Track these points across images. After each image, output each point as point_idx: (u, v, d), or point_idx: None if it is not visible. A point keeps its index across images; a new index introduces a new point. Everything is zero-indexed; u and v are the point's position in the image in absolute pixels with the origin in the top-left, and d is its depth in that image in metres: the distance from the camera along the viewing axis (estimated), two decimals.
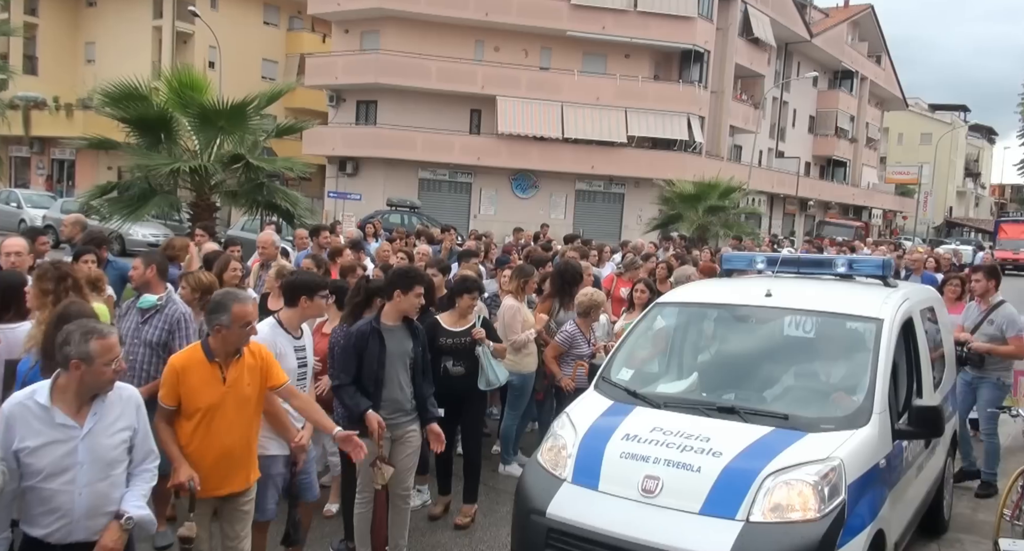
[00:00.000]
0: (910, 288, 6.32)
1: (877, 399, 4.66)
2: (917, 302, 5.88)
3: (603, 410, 4.99)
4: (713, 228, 24.69)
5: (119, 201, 13.26)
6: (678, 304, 6.04)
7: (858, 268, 6.01)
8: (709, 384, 5.40)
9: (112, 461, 3.45)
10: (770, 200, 47.46)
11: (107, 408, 3.46)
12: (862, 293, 5.73)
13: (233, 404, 4.20)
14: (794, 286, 5.98)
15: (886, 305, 5.25)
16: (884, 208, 64.62)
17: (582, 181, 37.81)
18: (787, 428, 4.49)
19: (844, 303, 5.47)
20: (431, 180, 37.09)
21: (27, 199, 28.13)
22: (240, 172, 13.56)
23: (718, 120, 41.62)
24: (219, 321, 4.15)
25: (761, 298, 5.53)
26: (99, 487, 3.40)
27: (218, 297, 4.34)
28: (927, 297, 6.57)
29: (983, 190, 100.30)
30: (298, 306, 5.03)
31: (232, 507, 4.35)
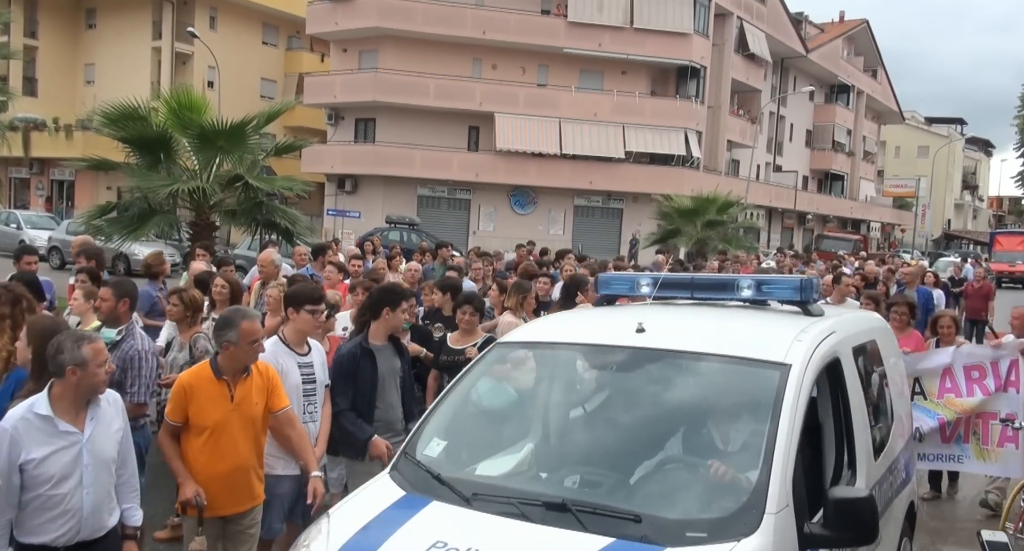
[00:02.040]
0: (841, 318, 4.77)
1: (774, 489, 3.16)
2: (848, 337, 4.38)
3: (383, 508, 3.47)
4: (712, 243, 24.70)
5: (118, 221, 13.24)
6: (522, 344, 4.45)
7: (768, 291, 4.51)
8: (548, 460, 3.97)
9: (111, 460, 3.62)
10: (768, 214, 47.55)
11: (102, 412, 3.60)
12: (770, 327, 4.27)
13: (239, 423, 4.20)
14: (681, 318, 4.55)
15: (798, 344, 3.74)
16: (882, 221, 64.71)
17: (580, 197, 37.88)
18: (634, 540, 3.05)
19: (739, 342, 3.95)
20: (430, 197, 37.17)
21: (27, 220, 28.22)
22: (239, 191, 13.56)
23: (715, 135, 41.76)
24: (227, 338, 4.15)
25: (629, 335, 3.89)
26: (102, 485, 3.58)
27: (227, 314, 4.34)
28: (865, 328, 5.06)
29: (981, 202, 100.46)
30: (290, 319, 4.99)
31: (237, 528, 4.33)
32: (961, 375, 6.90)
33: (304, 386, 4.89)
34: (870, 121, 61.97)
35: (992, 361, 6.82)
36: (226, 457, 4.15)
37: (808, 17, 55.30)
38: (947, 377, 6.92)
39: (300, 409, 4.77)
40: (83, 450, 3.48)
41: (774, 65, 47.99)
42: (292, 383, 4.75)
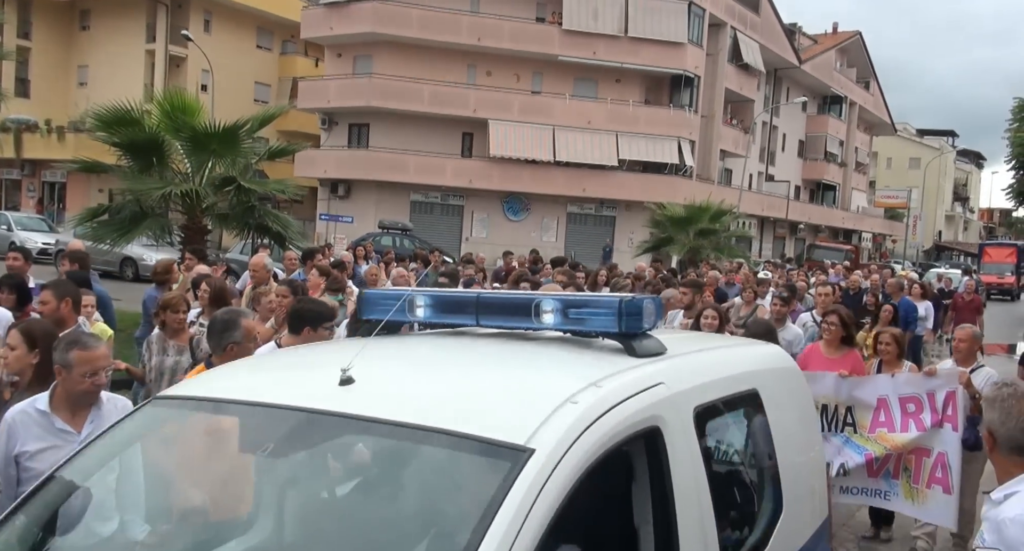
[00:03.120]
0: (687, 360, 3.33)
1: None
2: (688, 391, 2.98)
3: None
4: (704, 251, 24.71)
5: (110, 224, 13.16)
6: (182, 400, 2.91)
7: (577, 317, 3.01)
8: None
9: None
10: (760, 223, 47.68)
11: (103, 417, 3.52)
12: (540, 380, 2.81)
13: None
14: (421, 361, 3.08)
15: (564, 413, 2.37)
16: (874, 232, 64.96)
17: (573, 204, 37.93)
18: None
19: (475, 409, 2.50)
20: (423, 203, 37.16)
21: (17, 222, 28.05)
22: (232, 195, 13.50)
23: (708, 144, 41.89)
24: (232, 339, 4.14)
25: (327, 391, 2.55)
26: None
27: (226, 315, 4.32)
28: (735, 374, 3.56)
29: (972, 214, 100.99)
30: (301, 335, 4.78)
31: None
32: (896, 408, 6.20)
33: None
34: (862, 132, 62.26)
35: (929, 393, 6.11)
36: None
37: (801, 28, 55.58)
38: (882, 410, 6.23)
39: None
40: None
41: (767, 75, 48.20)
42: None
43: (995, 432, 2.82)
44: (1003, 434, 2.79)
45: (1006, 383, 2.99)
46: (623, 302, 2.94)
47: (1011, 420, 2.78)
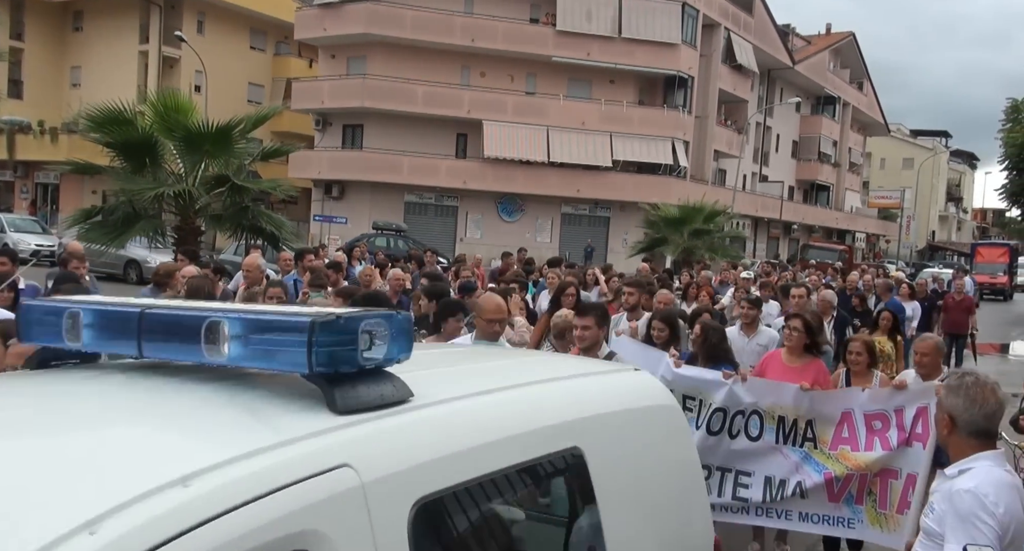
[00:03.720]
0: (436, 416, 2.13)
1: None
2: (433, 470, 1.98)
3: None
4: (698, 251, 24.78)
5: (103, 225, 13.15)
6: None
7: (260, 351, 1.95)
8: None
9: None
10: (754, 224, 47.78)
11: None
12: (115, 464, 1.65)
13: None
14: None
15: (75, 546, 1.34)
16: (867, 232, 65.13)
17: (568, 205, 37.95)
18: None
19: None
20: (417, 203, 37.15)
21: (10, 223, 28.02)
22: (225, 196, 13.50)
23: (702, 145, 41.95)
24: None
25: None
26: None
27: None
28: (561, 424, 2.47)
29: (965, 214, 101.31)
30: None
31: None
32: (861, 425, 5.64)
33: None
34: (856, 133, 62.43)
35: (897, 408, 5.56)
36: None
37: (795, 29, 55.73)
38: (845, 424, 5.67)
39: None
40: None
41: (761, 76, 48.29)
42: None
43: (957, 417, 3.03)
44: (965, 419, 3.01)
45: (967, 372, 3.19)
46: (317, 323, 1.83)
47: (974, 406, 3.00)
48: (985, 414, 2.98)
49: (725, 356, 6.32)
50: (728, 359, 6.27)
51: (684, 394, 5.79)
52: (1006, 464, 3.02)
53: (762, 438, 5.80)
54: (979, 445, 2.99)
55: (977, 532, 2.76)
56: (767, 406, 5.75)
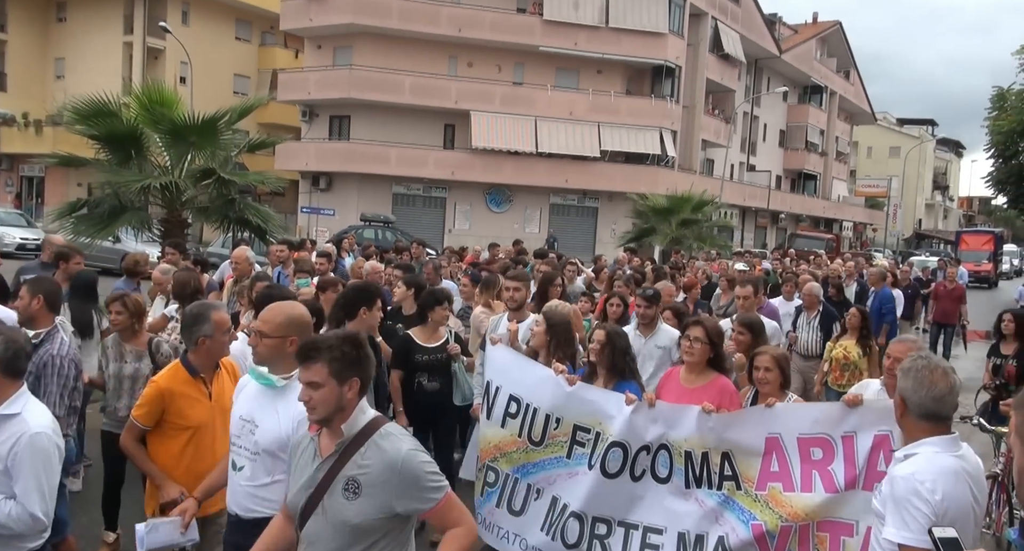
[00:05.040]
0: None
1: None
2: None
3: None
4: (686, 241, 24.84)
5: (89, 218, 13.04)
6: None
7: None
8: None
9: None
10: (742, 213, 47.92)
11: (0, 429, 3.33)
12: None
13: (220, 420, 4.12)
14: None
15: None
16: (855, 220, 65.42)
17: (556, 195, 37.96)
18: None
19: None
20: (405, 195, 37.06)
21: None
22: (211, 188, 13.43)
23: (690, 134, 42.00)
24: (202, 332, 4.09)
25: None
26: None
27: (195, 309, 4.29)
28: None
29: (951, 202, 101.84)
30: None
31: (215, 529, 4.24)
32: (795, 453, 4.25)
33: None
34: (843, 122, 62.62)
35: (845, 435, 4.15)
36: (208, 456, 4.09)
37: (782, 18, 55.78)
38: (773, 455, 4.31)
39: None
40: None
41: (748, 65, 48.34)
42: None
43: (907, 399, 3.06)
44: (915, 401, 3.03)
45: (921, 355, 3.20)
46: None
47: (923, 389, 3.01)
48: (933, 397, 2.99)
49: (632, 372, 5.18)
50: (635, 376, 5.20)
51: (576, 424, 4.77)
52: (958, 448, 3.00)
53: (671, 480, 4.59)
54: (930, 428, 3.02)
55: (909, 517, 2.82)
56: (674, 440, 4.58)
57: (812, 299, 9.39)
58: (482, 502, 5.14)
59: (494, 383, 5.20)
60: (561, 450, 4.83)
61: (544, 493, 4.90)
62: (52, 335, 4.80)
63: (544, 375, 4.97)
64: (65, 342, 4.81)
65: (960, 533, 2.71)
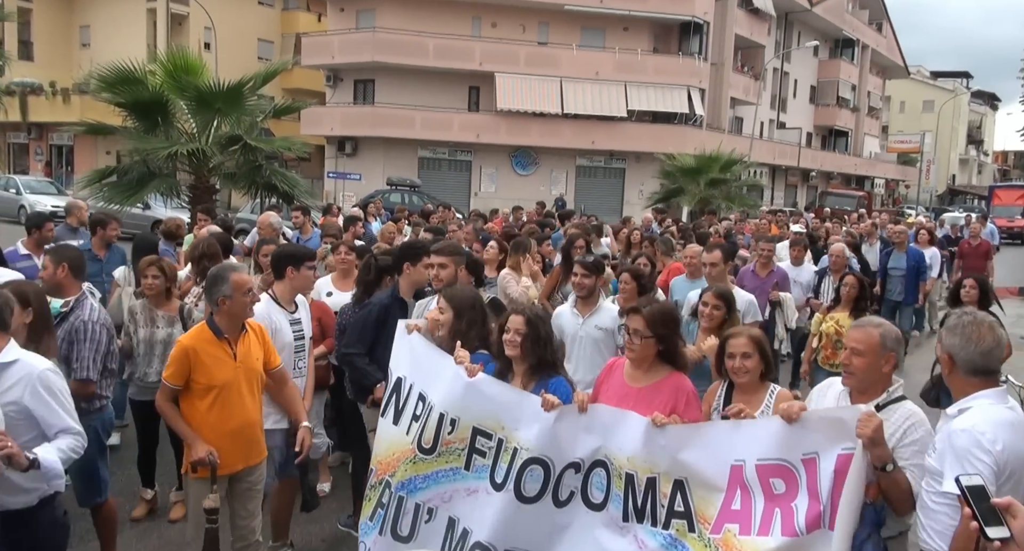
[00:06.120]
0: None
1: None
2: None
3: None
4: (715, 201, 24.59)
5: (118, 185, 13.21)
6: None
7: None
8: None
9: (7, 428, 3.30)
10: (772, 172, 47.27)
11: (4, 377, 3.39)
12: None
13: (245, 380, 4.26)
14: None
15: None
16: (887, 177, 64.36)
17: (582, 157, 37.65)
18: None
19: None
20: (431, 159, 36.96)
21: (26, 185, 28.11)
22: (238, 154, 13.51)
23: (718, 92, 41.34)
24: (222, 293, 4.17)
25: None
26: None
27: (214, 271, 4.36)
28: None
29: (986, 157, 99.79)
30: (285, 278, 5.01)
31: (245, 485, 4.38)
32: (756, 487, 3.33)
33: (295, 343, 4.99)
34: (875, 76, 61.26)
35: (806, 457, 3.24)
36: (235, 415, 4.21)
37: None
38: (738, 489, 3.38)
39: (291, 365, 4.89)
40: None
41: (778, 20, 47.30)
42: (285, 340, 4.88)
43: (955, 356, 3.07)
44: (963, 358, 3.06)
45: (965, 311, 3.23)
46: None
47: (971, 345, 3.04)
48: (982, 352, 3.02)
49: (554, 365, 4.18)
50: (558, 370, 4.19)
51: (475, 427, 3.85)
52: (1008, 400, 3.04)
53: (606, 508, 3.65)
54: (979, 383, 3.04)
55: (972, 469, 2.81)
56: (614, 455, 3.63)
57: (840, 262, 8.66)
58: (369, 529, 4.15)
59: (407, 380, 4.25)
60: (457, 460, 3.87)
61: (437, 514, 3.92)
62: (81, 302, 4.86)
63: (444, 365, 4.04)
64: (95, 308, 4.87)
65: (1018, 485, 2.76)
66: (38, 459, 3.25)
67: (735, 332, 4.14)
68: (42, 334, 3.95)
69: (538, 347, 4.02)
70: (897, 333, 3.46)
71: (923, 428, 3.27)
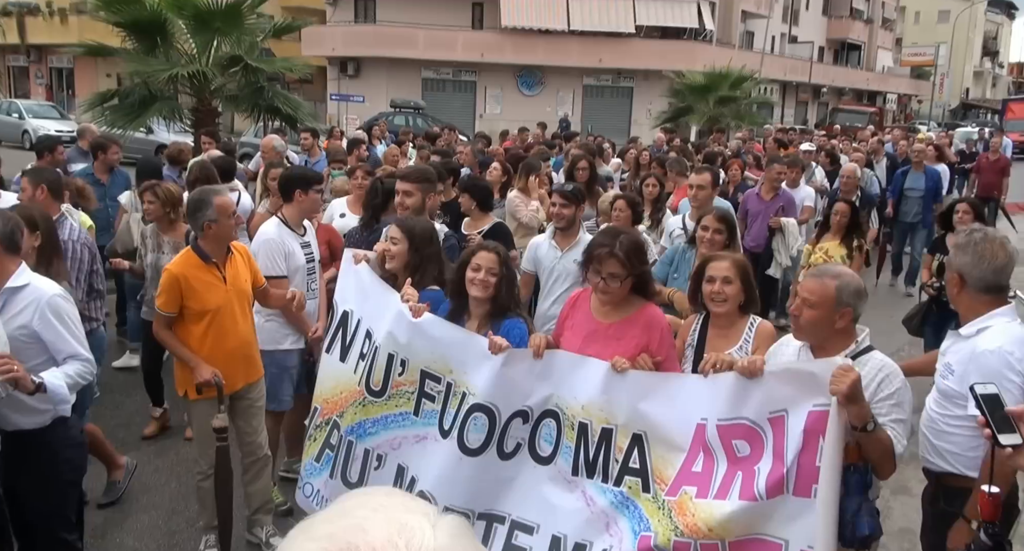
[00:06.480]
0: None
1: None
2: None
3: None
4: (724, 120, 24.23)
5: (120, 109, 13.08)
6: None
7: None
8: None
9: (12, 352, 3.33)
10: (783, 88, 46.42)
11: (12, 302, 3.45)
12: None
13: (237, 302, 4.33)
14: None
15: None
16: (899, 92, 63.17)
17: (589, 76, 36.99)
18: None
19: None
20: (435, 80, 36.37)
21: (28, 110, 27.74)
22: (239, 75, 13.33)
23: (729, 5, 40.34)
24: (206, 217, 4.17)
25: None
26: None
27: (196, 195, 4.37)
28: None
29: (1001, 69, 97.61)
30: (294, 201, 4.99)
31: (246, 404, 4.47)
32: (719, 450, 2.98)
33: (307, 265, 5.02)
34: None
35: (774, 415, 2.87)
36: (231, 336, 4.29)
37: None
38: (700, 449, 3.03)
39: (304, 287, 4.90)
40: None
41: None
42: (298, 263, 4.90)
43: (966, 275, 3.04)
44: (975, 276, 3.02)
45: (975, 228, 3.20)
46: None
47: (983, 262, 3.01)
48: (994, 269, 3.00)
49: (517, 306, 3.85)
50: (515, 311, 3.78)
51: (424, 370, 3.58)
52: (1017, 318, 3.04)
53: (555, 461, 3.36)
54: (991, 301, 3.03)
55: (1003, 391, 2.77)
56: (566, 403, 3.32)
57: (852, 183, 8.43)
58: (317, 470, 3.96)
59: (354, 314, 3.95)
60: (407, 404, 3.62)
61: (387, 461, 3.69)
62: (61, 222, 4.88)
63: (390, 302, 3.74)
64: (75, 228, 4.94)
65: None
66: (44, 383, 3.32)
67: (717, 255, 3.85)
68: (51, 257, 3.99)
69: (508, 288, 3.70)
70: (858, 285, 3.03)
71: (898, 379, 2.94)
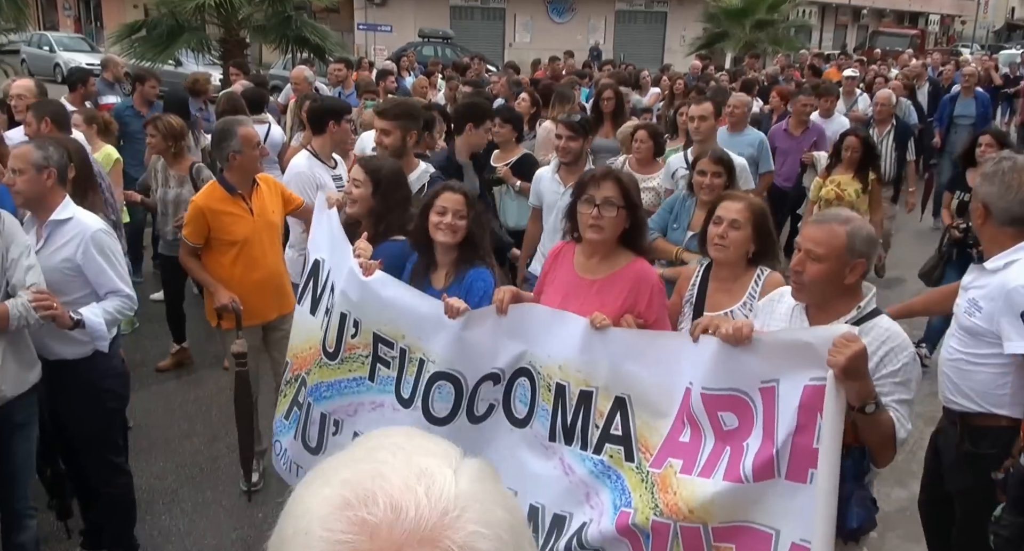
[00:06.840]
0: None
1: None
2: None
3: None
4: (761, 45, 23.62)
5: (148, 40, 13.09)
6: None
7: None
8: None
9: (55, 284, 3.36)
10: (821, 11, 45.02)
11: (55, 237, 3.49)
12: None
13: (265, 233, 4.37)
14: None
15: None
16: (942, 13, 60.94)
17: (622, 2, 36.08)
18: None
19: None
20: (463, 8, 35.68)
21: (59, 42, 27.51)
22: (266, 5, 13.23)
23: None
24: (231, 148, 4.18)
25: None
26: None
27: (220, 126, 4.38)
28: None
29: None
30: (326, 132, 4.97)
31: (280, 335, 4.49)
32: (703, 418, 2.60)
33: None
34: None
35: (764, 385, 2.47)
36: (259, 266, 4.35)
37: None
38: (684, 418, 2.66)
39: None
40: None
41: None
42: None
43: (991, 205, 2.92)
44: (1001, 207, 2.90)
45: (1004, 157, 3.03)
46: None
47: (1011, 193, 2.88)
48: (1021, 200, 2.88)
49: (480, 250, 3.39)
50: (484, 259, 3.40)
51: (376, 333, 3.22)
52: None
53: (530, 424, 3.02)
54: (1016, 234, 2.91)
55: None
56: (540, 363, 2.96)
57: (886, 111, 7.80)
58: (286, 428, 3.70)
59: (325, 264, 3.55)
60: (362, 368, 3.30)
61: (343, 428, 3.40)
62: None
63: (345, 255, 3.35)
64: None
65: None
66: (83, 319, 3.37)
67: (733, 194, 3.45)
68: (87, 190, 4.00)
69: (479, 233, 3.34)
70: (870, 232, 2.62)
71: (905, 353, 2.51)
